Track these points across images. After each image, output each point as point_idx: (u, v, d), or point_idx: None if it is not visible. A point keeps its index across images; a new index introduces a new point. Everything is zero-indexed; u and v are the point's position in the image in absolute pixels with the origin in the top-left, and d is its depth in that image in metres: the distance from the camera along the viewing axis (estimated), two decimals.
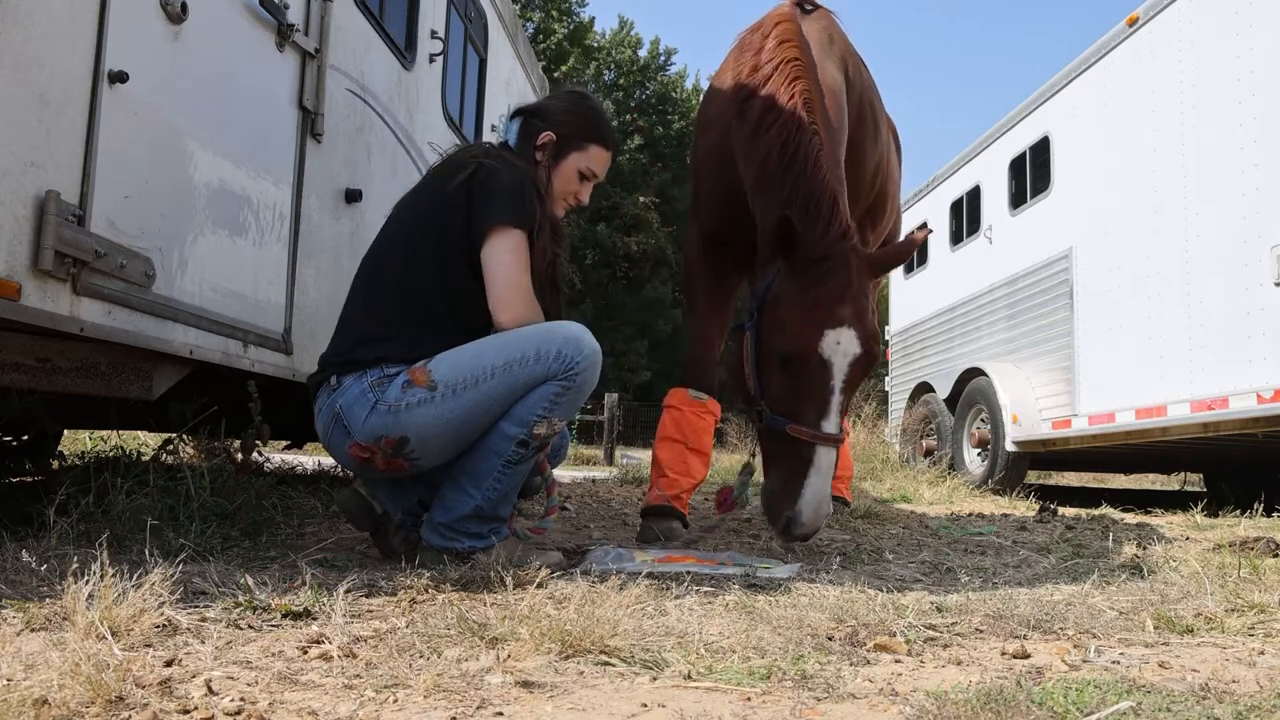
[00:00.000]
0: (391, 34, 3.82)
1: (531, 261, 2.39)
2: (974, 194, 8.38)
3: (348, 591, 1.80)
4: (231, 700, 1.20)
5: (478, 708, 1.22)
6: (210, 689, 1.24)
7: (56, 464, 4.27)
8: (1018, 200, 7.58)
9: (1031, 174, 7.38)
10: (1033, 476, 8.32)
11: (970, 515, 5.09)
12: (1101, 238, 6.37)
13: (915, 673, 1.49)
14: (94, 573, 1.48)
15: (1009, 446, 7.03)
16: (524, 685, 1.32)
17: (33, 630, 1.50)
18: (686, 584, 2.15)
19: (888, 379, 10.53)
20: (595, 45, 32.08)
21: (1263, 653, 1.68)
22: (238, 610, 1.68)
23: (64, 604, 1.49)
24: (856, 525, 3.92)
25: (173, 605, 1.56)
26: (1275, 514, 4.91)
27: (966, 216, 8.56)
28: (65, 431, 5.05)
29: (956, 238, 8.74)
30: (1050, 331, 6.88)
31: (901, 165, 4.63)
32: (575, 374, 2.26)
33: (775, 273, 2.66)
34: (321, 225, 3.25)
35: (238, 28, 2.68)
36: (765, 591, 2.11)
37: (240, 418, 3.06)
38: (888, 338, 10.26)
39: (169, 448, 3.25)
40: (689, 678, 1.38)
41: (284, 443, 4.75)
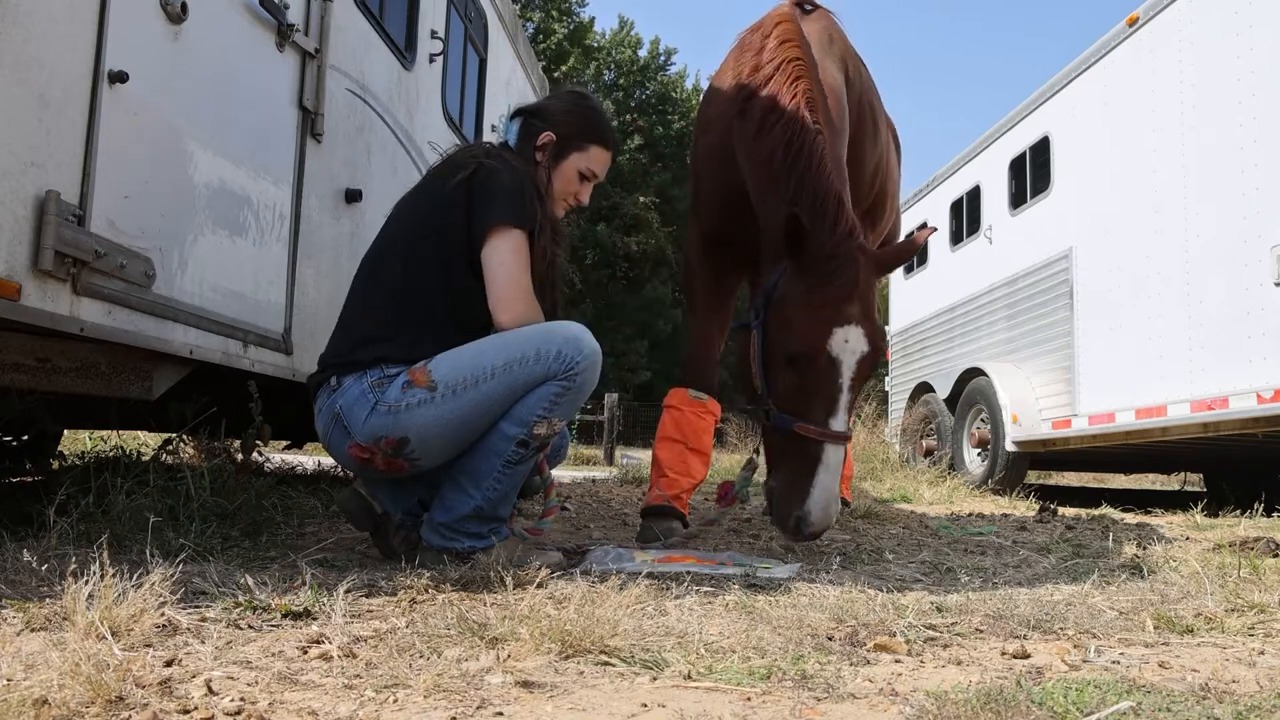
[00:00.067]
0: (391, 34, 3.82)
1: (531, 262, 2.39)
2: (974, 194, 8.39)
3: (348, 591, 1.80)
4: (231, 700, 1.20)
5: (478, 708, 1.22)
6: (210, 689, 1.24)
7: (56, 464, 4.27)
8: (1018, 200, 7.58)
9: (1031, 174, 7.38)
10: (1033, 476, 8.32)
11: (970, 515, 5.09)
12: (1101, 238, 6.37)
13: (915, 673, 1.49)
14: (94, 573, 1.48)
15: (1009, 446, 7.03)
16: (524, 685, 1.32)
17: (33, 630, 1.50)
18: (686, 584, 2.15)
19: (888, 379, 10.53)
20: (595, 45, 32.08)
21: (1263, 653, 1.68)
22: (238, 610, 1.68)
23: (64, 604, 1.49)
24: (856, 525, 3.92)
25: (173, 605, 1.56)
26: (1275, 514, 4.91)
27: (966, 216, 8.56)
28: (65, 431, 5.05)
29: (956, 238, 8.74)
30: (1050, 331, 6.88)
31: (901, 165, 4.63)
32: (575, 374, 2.26)
33: (781, 271, 2.66)
34: (321, 225, 3.25)
35: (238, 28, 2.68)
36: (765, 591, 2.11)
37: (240, 418, 3.06)
38: (888, 338, 10.26)
39: (169, 448, 3.25)
40: (689, 678, 1.38)
41: (284, 443, 4.75)
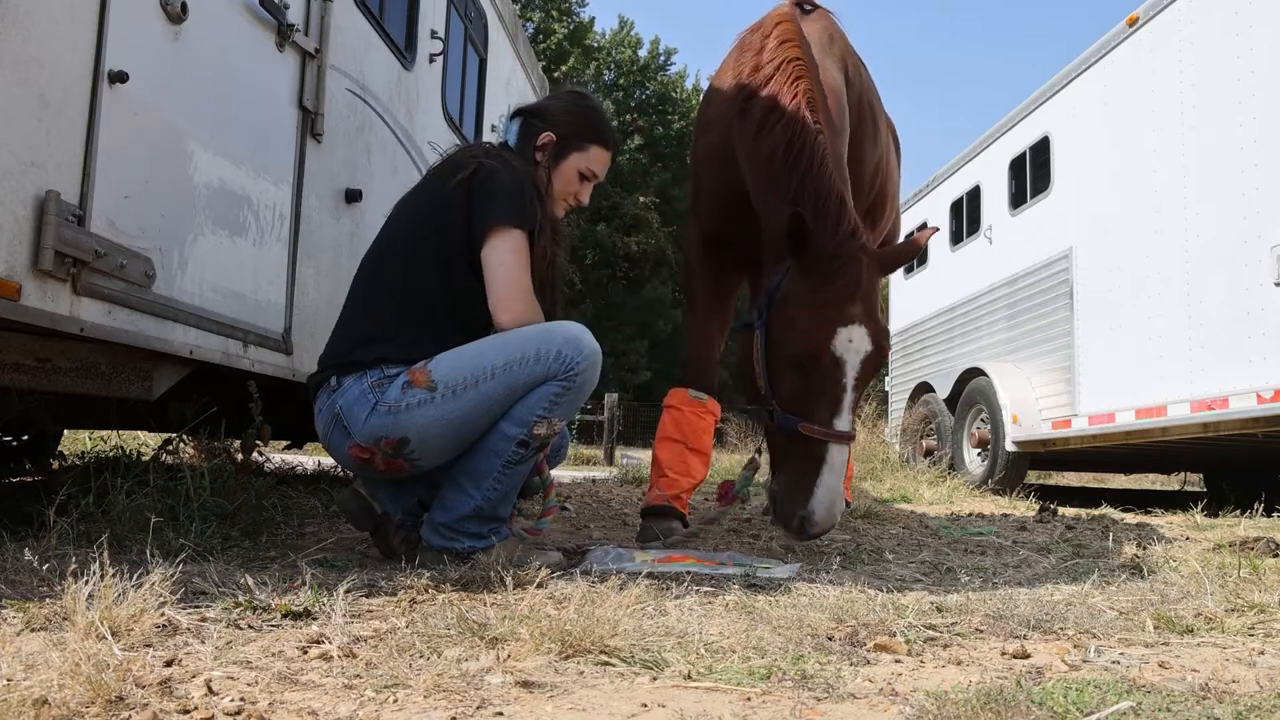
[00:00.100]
0: (391, 34, 3.82)
1: (531, 262, 2.39)
2: (974, 194, 8.39)
3: (348, 591, 1.80)
4: (231, 700, 1.20)
5: (478, 708, 1.22)
6: (210, 689, 1.24)
7: (56, 464, 4.27)
8: (1018, 200, 7.58)
9: (1031, 174, 7.38)
10: (1033, 476, 8.32)
11: (970, 515, 5.09)
12: (1101, 238, 6.37)
13: (915, 673, 1.49)
14: (94, 573, 1.48)
15: (1009, 446, 7.03)
16: (524, 685, 1.32)
17: (33, 630, 1.50)
18: (686, 584, 2.15)
19: (888, 379, 10.53)
20: (595, 45, 32.08)
21: (1263, 653, 1.68)
22: (238, 610, 1.68)
23: (64, 604, 1.49)
24: (856, 525, 3.92)
25: (173, 605, 1.56)
26: (1275, 514, 4.91)
27: (966, 216, 8.56)
28: (65, 431, 5.05)
29: (956, 238, 8.74)
30: (1050, 331, 6.88)
31: (901, 165, 4.63)
32: (575, 374, 2.26)
33: (784, 271, 2.66)
34: (321, 225, 3.25)
35: (238, 28, 2.68)
36: (765, 591, 2.11)
37: (240, 418, 3.06)
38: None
39: (169, 448, 3.25)
40: (689, 678, 1.38)
41: (284, 443, 4.75)
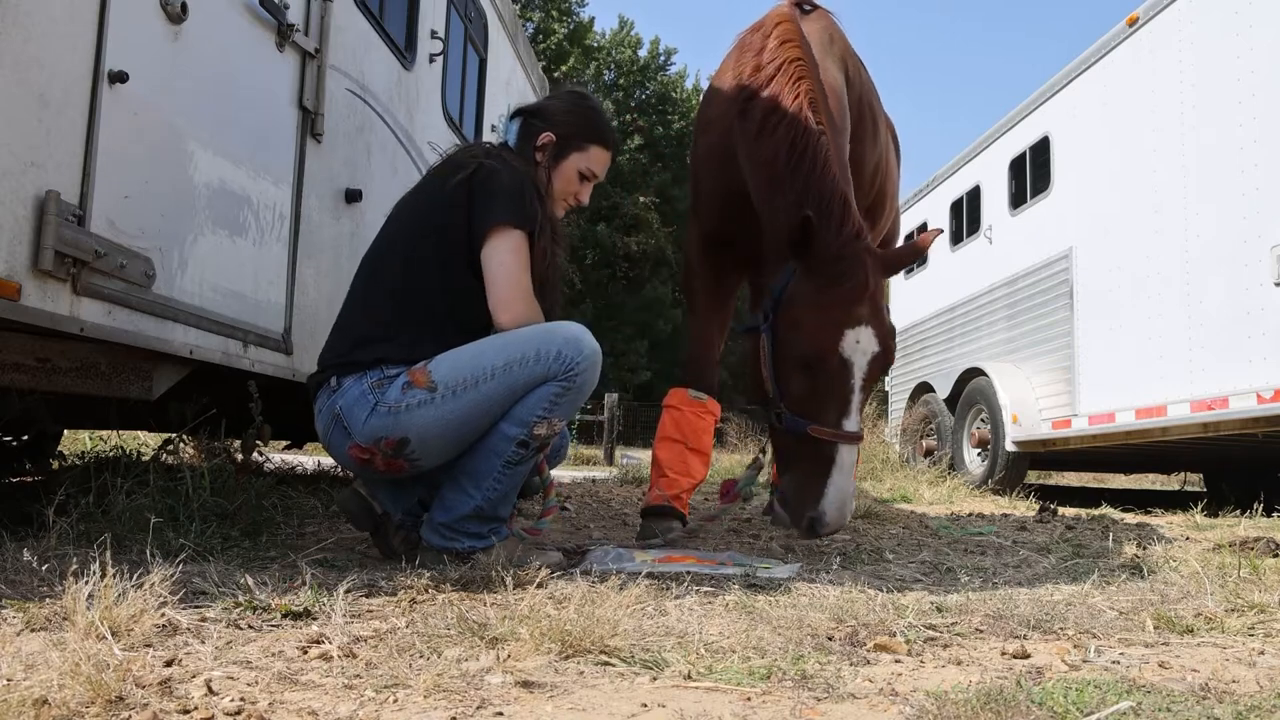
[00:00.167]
0: (391, 34, 3.82)
1: (531, 262, 2.39)
2: (974, 194, 8.39)
3: (348, 591, 1.80)
4: (231, 700, 1.20)
5: (478, 708, 1.22)
6: (210, 689, 1.24)
7: (56, 464, 4.27)
8: (1018, 200, 7.58)
9: (1031, 174, 7.38)
10: (1033, 476, 8.32)
11: (970, 515, 5.09)
12: (1101, 238, 6.37)
13: (915, 673, 1.49)
14: (94, 573, 1.48)
15: (1009, 446, 7.03)
16: (524, 685, 1.32)
17: (33, 630, 1.50)
18: (686, 584, 2.15)
19: (888, 379, 10.52)
20: (595, 45, 32.07)
21: (1263, 653, 1.68)
22: (238, 610, 1.68)
23: (64, 604, 1.49)
24: (856, 525, 3.92)
25: (173, 605, 1.56)
26: (1275, 514, 4.91)
27: (966, 216, 8.56)
28: (65, 431, 5.05)
29: (956, 238, 8.74)
30: (1050, 331, 6.88)
31: (900, 165, 4.63)
32: (575, 374, 2.26)
33: (789, 273, 2.66)
34: (321, 225, 3.25)
35: (238, 28, 2.68)
36: (765, 591, 2.11)
37: (240, 418, 3.06)
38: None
39: (169, 448, 3.25)
40: (689, 678, 1.38)
41: (284, 443, 4.75)
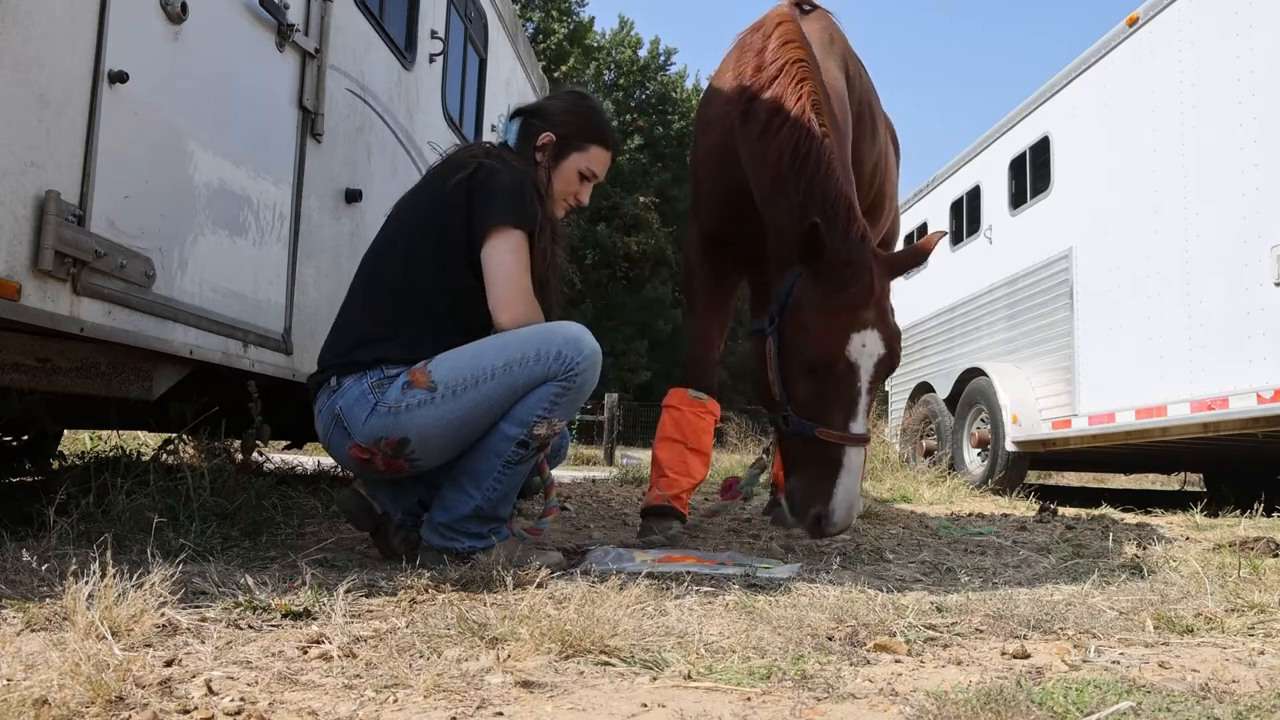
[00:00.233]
0: (391, 34, 3.82)
1: (531, 262, 2.39)
2: (974, 194, 8.39)
3: (348, 591, 1.80)
4: (231, 700, 1.20)
5: (478, 708, 1.22)
6: (210, 689, 1.24)
7: (56, 464, 4.27)
8: (1018, 200, 7.58)
9: (1031, 174, 7.38)
10: (1033, 476, 8.32)
11: (970, 515, 5.09)
12: (1101, 238, 6.37)
13: (915, 673, 1.49)
14: (94, 573, 1.48)
15: (1009, 446, 7.03)
16: (524, 685, 1.32)
17: (33, 630, 1.50)
18: (686, 584, 2.15)
19: (888, 379, 10.52)
20: (595, 45, 32.07)
21: (1263, 653, 1.68)
22: (238, 610, 1.68)
23: (64, 604, 1.49)
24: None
25: (173, 605, 1.56)
26: (1275, 514, 4.91)
27: (966, 216, 8.56)
28: (65, 431, 5.05)
29: (956, 238, 8.74)
30: (1050, 331, 6.88)
31: (900, 165, 4.63)
32: (575, 374, 2.26)
33: (795, 277, 2.66)
34: (321, 225, 3.25)
35: (238, 28, 2.68)
36: (765, 591, 2.11)
37: (240, 418, 3.06)
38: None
39: (169, 448, 3.25)
40: (689, 678, 1.38)
41: (284, 443, 4.75)
